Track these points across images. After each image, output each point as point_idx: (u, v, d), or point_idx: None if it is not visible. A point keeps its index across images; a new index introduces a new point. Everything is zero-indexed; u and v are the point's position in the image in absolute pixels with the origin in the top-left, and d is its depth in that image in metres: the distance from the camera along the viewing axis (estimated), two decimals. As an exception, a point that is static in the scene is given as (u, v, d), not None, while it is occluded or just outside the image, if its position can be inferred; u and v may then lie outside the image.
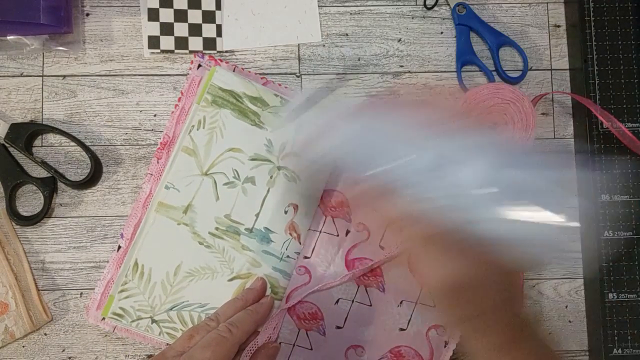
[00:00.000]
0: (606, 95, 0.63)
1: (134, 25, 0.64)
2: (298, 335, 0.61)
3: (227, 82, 0.60)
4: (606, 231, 0.62)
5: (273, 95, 0.61)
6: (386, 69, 0.65)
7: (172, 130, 0.62)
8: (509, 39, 0.65)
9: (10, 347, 0.61)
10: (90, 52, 0.64)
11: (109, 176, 0.63)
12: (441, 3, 0.66)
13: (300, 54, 0.65)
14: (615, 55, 0.64)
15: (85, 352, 0.62)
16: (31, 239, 0.62)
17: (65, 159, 0.63)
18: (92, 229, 0.63)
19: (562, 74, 0.66)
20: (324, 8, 0.66)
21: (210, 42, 0.64)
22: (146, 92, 0.64)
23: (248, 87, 0.60)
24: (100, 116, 0.64)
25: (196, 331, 0.52)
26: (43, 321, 0.61)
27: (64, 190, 0.63)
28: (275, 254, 0.60)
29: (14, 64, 0.64)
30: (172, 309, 0.59)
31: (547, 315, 0.64)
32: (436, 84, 0.65)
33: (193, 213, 0.60)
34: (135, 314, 0.59)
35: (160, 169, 0.61)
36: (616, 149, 0.63)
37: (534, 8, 0.67)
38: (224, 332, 0.51)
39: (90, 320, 0.60)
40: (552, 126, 0.66)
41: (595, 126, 0.63)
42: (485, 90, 0.62)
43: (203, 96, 0.60)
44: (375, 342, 0.61)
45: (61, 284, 0.62)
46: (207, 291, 0.59)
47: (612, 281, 0.62)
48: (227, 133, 0.60)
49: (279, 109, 0.61)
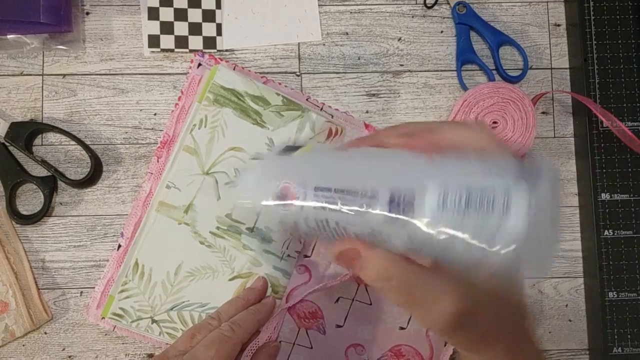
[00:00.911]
0: (606, 94, 0.64)
1: (134, 24, 0.64)
2: (298, 334, 0.61)
3: (229, 81, 0.60)
4: (606, 230, 0.63)
5: (275, 94, 0.61)
6: (386, 67, 0.65)
7: (172, 129, 0.61)
8: (509, 38, 0.65)
9: (10, 346, 0.61)
10: (90, 51, 0.64)
11: (109, 175, 0.63)
12: (441, 2, 0.66)
13: (301, 53, 0.65)
14: (615, 54, 0.64)
15: (85, 350, 0.62)
16: (31, 238, 0.62)
17: (65, 158, 0.63)
18: (92, 227, 0.63)
19: (562, 72, 0.66)
20: (324, 7, 0.66)
21: (211, 41, 0.64)
22: (146, 91, 0.64)
23: (250, 85, 0.60)
24: (100, 115, 0.64)
25: (198, 330, 0.52)
26: (43, 320, 0.61)
27: (64, 189, 0.63)
28: (275, 253, 0.60)
29: (14, 63, 0.63)
30: (173, 309, 0.59)
31: (547, 314, 0.64)
32: (436, 83, 0.66)
33: (194, 212, 0.59)
34: (135, 314, 0.59)
35: (161, 168, 0.61)
36: (616, 148, 0.63)
37: (534, 7, 0.67)
38: (227, 331, 0.51)
39: (91, 319, 0.60)
40: (552, 125, 0.66)
41: (595, 125, 0.63)
42: (485, 89, 0.62)
43: (204, 95, 0.60)
44: (375, 341, 0.62)
45: (61, 282, 0.62)
46: (207, 291, 0.59)
47: (612, 280, 0.62)
48: (228, 132, 0.60)
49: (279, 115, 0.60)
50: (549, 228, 0.28)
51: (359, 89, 0.65)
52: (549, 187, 0.27)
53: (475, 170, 0.28)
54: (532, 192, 0.26)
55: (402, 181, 0.30)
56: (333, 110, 0.64)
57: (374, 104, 0.65)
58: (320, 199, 0.34)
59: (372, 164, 0.33)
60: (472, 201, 0.27)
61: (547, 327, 0.64)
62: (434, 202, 0.28)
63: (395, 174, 0.31)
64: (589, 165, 0.63)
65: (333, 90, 0.65)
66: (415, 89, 0.65)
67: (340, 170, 0.34)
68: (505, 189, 0.26)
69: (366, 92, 0.65)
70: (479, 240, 0.28)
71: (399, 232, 0.30)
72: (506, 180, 0.26)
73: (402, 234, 0.30)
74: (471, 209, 0.27)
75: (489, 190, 0.27)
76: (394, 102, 0.65)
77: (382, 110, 0.65)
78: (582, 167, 0.64)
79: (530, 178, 0.27)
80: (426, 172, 0.29)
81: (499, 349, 0.37)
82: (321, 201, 0.33)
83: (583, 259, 0.65)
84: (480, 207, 0.27)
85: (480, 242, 0.28)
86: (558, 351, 0.64)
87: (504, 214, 0.26)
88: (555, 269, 0.65)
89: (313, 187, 0.34)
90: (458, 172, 0.28)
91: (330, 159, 0.37)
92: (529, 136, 0.62)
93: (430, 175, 0.29)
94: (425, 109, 0.65)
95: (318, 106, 0.64)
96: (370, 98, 0.65)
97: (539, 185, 0.26)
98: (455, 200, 0.27)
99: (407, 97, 0.65)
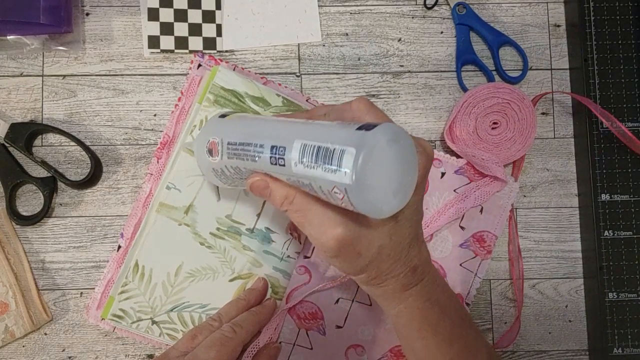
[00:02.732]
0: (606, 94, 0.64)
1: (134, 25, 0.64)
2: (298, 334, 0.61)
3: (230, 82, 0.60)
4: (606, 231, 0.63)
5: (275, 95, 0.61)
6: (386, 68, 0.65)
7: (172, 130, 0.61)
8: (509, 39, 0.65)
9: (10, 347, 0.61)
10: (90, 51, 0.64)
11: (109, 176, 0.63)
12: (441, 3, 0.66)
13: (300, 54, 0.65)
14: (615, 55, 0.64)
15: (85, 351, 0.62)
16: (31, 239, 0.62)
17: (65, 159, 0.63)
18: (92, 228, 0.63)
19: (562, 73, 0.66)
20: (324, 7, 0.66)
21: (210, 41, 0.64)
22: (146, 92, 0.64)
23: (250, 86, 0.60)
24: (100, 116, 0.64)
25: (199, 331, 0.52)
26: (43, 321, 0.61)
27: (64, 190, 0.63)
28: (276, 254, 0.60)
29: (14, 64, 0.63)
30: (173, 310, 0.59)
31: (547, 315, 0.64)
32: (436, 83, 0.66)
33: (194, 213, 0.59)
34: (135, 315, 0.59)
35: (160, 169, 0.61)
36: (616, 148, 0.63)
37: (534, 7, 0.67)
38: (228, 332, 0.51)
39: (91, 319, 0.60)
40: (552, 126, 0.66)
41: (595, 126, 0.63)
42: (485, 90, 0.62)
43: (205, 96, 0.60)
44: (375, 342, 0.62)
45: (61, 283, 0.62)
46: (208, 291, 0.59)
47: (612, 281, 0.62)
48: (228, 133, 0.60)
49: (279, 109, 0.61)
50: (383, 178, 0.37)
51: (359, 89, 0.65)
52: (381, 148, 0.36)
53: (329, 133, 0.38)
54: (359, 151, 0.35)
55: (280, 139, 0.40)
56: (333, 111, 0.64)
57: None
58: (230, 150, 0.46)
59: (266, 126, 0.44)
60: (320, 155, 0.37)
61: (547, 327, 0.64)
62: (296, 154, 0.38)
63: (277, 133, 0.42)
64: (589, 165, 0.63)
65: (333, 91, 0.65)
66: (415, 90, 0.65)
67: (245, 130, 0.46)
68: (341, 149, 0.36)
69: (366, 92, 0.65)
70: (324, 183, 0.37)
71: (281, 173, 0.40)
72: (344, 142, 0.36)
73: (283, 174, 0.40)
74: (319, 160, 0.37)
75: (330, 149, 0.36)
76: (394, 103, 0.65)
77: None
78: (582, 167, 0.64)
79: (362, 143, 0.35)
80: (297, 133, 0.39)
81: (390, 285, 0.44)
82: (231, 152, 0.46)
83: (583, 259, 0.65)
84: (324, 159, 0.36)
85: (325, 185, 0.37)
86: (558, 352, 0.64)
87: (339, 165, 0.35)
88: (555, 269, 0.65)
89: (227, 143, 0.46)
90: (317, 134, 0.38)
91: (243, 122, 0.48)
92: (529, 137, 0.62)
93: (298, 136, 0.39)
94: (425, 110, 0.65)
95: (318, 107, 0.64)
96: (370, 99, 0.65)
97: (371, 146, 0.35)
98: (309, 153, 0.37)
99: (407, 98, 0.65)
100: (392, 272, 0.43)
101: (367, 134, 0.36)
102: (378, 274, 0.43)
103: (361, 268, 0.42)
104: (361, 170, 0.35)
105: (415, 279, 0.45)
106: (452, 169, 0.64)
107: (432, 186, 0.63)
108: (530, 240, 0.65)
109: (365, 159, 0.35)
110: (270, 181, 0.43)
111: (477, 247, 0.63)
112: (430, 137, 0.65)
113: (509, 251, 0.65)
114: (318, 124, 0.41)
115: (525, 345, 0.64)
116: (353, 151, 0.35)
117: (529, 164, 0.65)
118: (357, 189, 0.35)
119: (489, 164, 0.61)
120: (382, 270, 0.43)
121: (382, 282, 0.44)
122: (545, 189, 0.65)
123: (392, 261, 0.43)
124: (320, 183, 0.37)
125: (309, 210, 0.41)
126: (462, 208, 0.62)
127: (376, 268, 0.43)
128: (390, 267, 0.43)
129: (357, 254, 0.41)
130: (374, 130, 0.36)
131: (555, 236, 0.65)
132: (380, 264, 0.42)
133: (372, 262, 0.42)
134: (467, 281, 0.63)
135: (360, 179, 0.35)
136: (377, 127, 0.36)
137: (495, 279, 0.64)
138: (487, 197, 0.63)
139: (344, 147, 0.36)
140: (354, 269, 0.43)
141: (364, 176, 0.35)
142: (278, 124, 0.44)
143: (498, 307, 0.64)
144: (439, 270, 0.63)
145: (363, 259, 0.41)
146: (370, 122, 0.38)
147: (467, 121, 0.62)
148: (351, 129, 0.37)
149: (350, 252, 0.41)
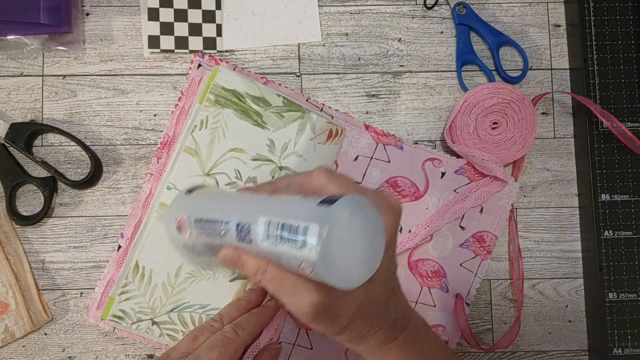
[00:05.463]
0: (606, 94, 0.64)
1: (134, 25, 0.64)
2: (298, 334, 0.61)
3: (230, 82, 0.60)
4: (606, 231, 0.63)
5: (275, 95, 0.60)
6: (386, 68, 0.66)
7: (172, 130, 0.61)
8: (509, 39, 0.65)
9: (10, 347, 0.61)
10: (90, 51, 0.64)
11: (109, 176, 0.63)
12: (441, 3, 0.66)
13: (300, 54, 0.65)
14: (615, 55, 0.64)
15: (85, 351, 0.62)
16: (31, 239, 0.62)
17: (65, 159, 0.63)
18: (92, 228, 0.63)
19: (562, 73, 0.66)
20: (324, 8, 0.66)
21: (210, 41, 0.64)
22: (146, 92, 0.64)
23: (251, 86, 0.60)
24: (100, 116, 0.64)
25: (200, 332, 0.52)
26: (43, 321, 0.61)
27: (64, 190, 0.63)
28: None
29: (14, 64, 0.63)
30: (173, 311, 0.59)
31: (547, 315, 0.64)
32: (436, 83, 0.66)
33: (194, 213, 0.59)
34: (135, 316, 0.59)
35: (161, 169, 0.61)
36: (616, 148, 0.63)
37: (534, 8, 0.67)
38: (230, 333, 0.51)
39: (91, 320, 0.60)
40: (552, 126, 0.66)
41: (595, 126, 0.63)
42: (485, 89, 0.62)
43: (205, 96, 0.60)
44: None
45: (61, 283, 0.62)
46: (208, 292, 0.59)
47: (612, 281, 0.62)
48: (229, 133, 0.60)
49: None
50: (349, 250, 0.37)
51: (359, 89, 0.65)
52: (344, 221, 0.36)
53: (292, 209, 0.39)
54: (322, 227, 0.35)
55: (245, 215, 0.41)
56: (333, 111, 0.64)
57: (374, 104, 0.65)
58: (197, 228, 0.46)
59: (231, 202, 0.46)
60: (284, 231, 0.37)
61: (547, 328, 0.64)
62: (262, 231, 0.39)
63: (242, 209, 0.43)
64: (589, 166, 0.63)
65: (333, 91, 0.65)
66: (415, 90, 0.65)
67: (210, 206, 0.47)
68: (304, 226, 0.36)
69: (366, 92, 0.65)
70: (291, 259, 0.37)
71: (250, 248, 0.41)
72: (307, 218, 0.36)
73: (252, 249, 0.41)
74: (284, 236, 0.37)
75: (294, 225, 0.36)
76: (394, 103, 0.65)
77: (382, 111, 0.65)
78: (582, 167, 0.64)
79: (325, 219, 0.35)
80: (261, 210, 0.40)
81: (372, 341, 0.44)
82: (198, 229, 0.46)
83: (583, 259, 0.65)
84: (289, 235, 0.37)
85: (292, 261, 0.37)
86: (558, 352, 0.64)
87: (303, 241, 0.35)
88: (555, 269, 0.65)
89: (193, 220, 0.47)
90: (281, 209, 0.39)
91: (208, 198, 0.51)
92: (529, 137, 0.62)
93: (262, 212, 0.39)
94: (425, 110, 0.65)
95: (318, 107, 0.64)
96: (370, 99, 0.65)
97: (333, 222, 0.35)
98: (274, 229, 0.38)
99: (407, 98, 0.65)
100: (372, 330, 0.43)
101: (329, 208, 0.36)
102: (358, 333, 0.43)
103: (341, 329, 0.42)
104: (326, 245, 0.35)
105: (396, 332, 0.45)
106: (452, 169, 0.64)
107: (432, 186, 0.63)
108: (530, 240, 0.65)
109: (329, 235, 0.35)
110: (241, 253, 0.44)
111: (477, 247, 0.63)
112: (430, 137, 0.65)
113: (509, 251, 0.65)
114: (282, 199, 0.42)
115: (525, 345, 0.64)
116: (316, 227, 0.35)
117: (529, 164, 0.66)
118: (324, 264, 0.35)
119: (489, 164, 0.61)
120: (361, 329, 0.43)
121: (363, 339, 0.44)
122: (545, 189, 0.65)
123: (371, 318, 0.43)
124: (288, 259, 0.38)
125: (283, 279, 0.41)
126: (462, 208, 0.62)
127: (356, 328, 0.43)
128: (370, 324, 0.43)
129: (335, 317, 0.41)
130: (336, 204, 0.36)
131: (555, 236, 0.65)
132: (359, 324, 0.43)
133: (352, 323, 0.42)
134: (467, 281, 0.63)
135: (325, 254, 0.35)
136: (338, 200, 0.36)
137: (495, 279, 0.65)
138: (487, 197, 0.63)
139: (307, 224, 0.36)
140: (334, 331, 0.43)
141: (330, 251, 0.35)
142: (243, 200, 0.46)
143: (498, 307, 0.64)
144: (439, 270, 0.63)
145: (342, 320, 0.42)
146: (332, 195, 0.37)
147: (467, 121, 0.62)
148: (313, 204, 0.37)
149: (328, 315, 0.41)
